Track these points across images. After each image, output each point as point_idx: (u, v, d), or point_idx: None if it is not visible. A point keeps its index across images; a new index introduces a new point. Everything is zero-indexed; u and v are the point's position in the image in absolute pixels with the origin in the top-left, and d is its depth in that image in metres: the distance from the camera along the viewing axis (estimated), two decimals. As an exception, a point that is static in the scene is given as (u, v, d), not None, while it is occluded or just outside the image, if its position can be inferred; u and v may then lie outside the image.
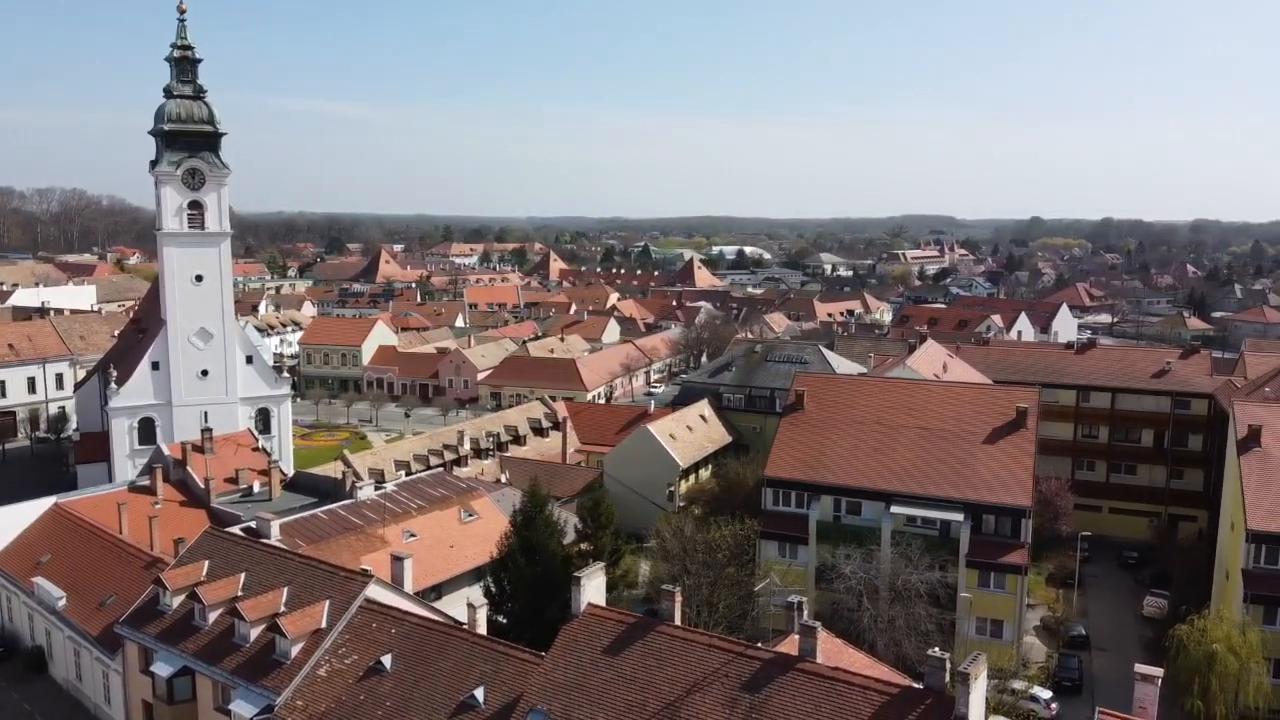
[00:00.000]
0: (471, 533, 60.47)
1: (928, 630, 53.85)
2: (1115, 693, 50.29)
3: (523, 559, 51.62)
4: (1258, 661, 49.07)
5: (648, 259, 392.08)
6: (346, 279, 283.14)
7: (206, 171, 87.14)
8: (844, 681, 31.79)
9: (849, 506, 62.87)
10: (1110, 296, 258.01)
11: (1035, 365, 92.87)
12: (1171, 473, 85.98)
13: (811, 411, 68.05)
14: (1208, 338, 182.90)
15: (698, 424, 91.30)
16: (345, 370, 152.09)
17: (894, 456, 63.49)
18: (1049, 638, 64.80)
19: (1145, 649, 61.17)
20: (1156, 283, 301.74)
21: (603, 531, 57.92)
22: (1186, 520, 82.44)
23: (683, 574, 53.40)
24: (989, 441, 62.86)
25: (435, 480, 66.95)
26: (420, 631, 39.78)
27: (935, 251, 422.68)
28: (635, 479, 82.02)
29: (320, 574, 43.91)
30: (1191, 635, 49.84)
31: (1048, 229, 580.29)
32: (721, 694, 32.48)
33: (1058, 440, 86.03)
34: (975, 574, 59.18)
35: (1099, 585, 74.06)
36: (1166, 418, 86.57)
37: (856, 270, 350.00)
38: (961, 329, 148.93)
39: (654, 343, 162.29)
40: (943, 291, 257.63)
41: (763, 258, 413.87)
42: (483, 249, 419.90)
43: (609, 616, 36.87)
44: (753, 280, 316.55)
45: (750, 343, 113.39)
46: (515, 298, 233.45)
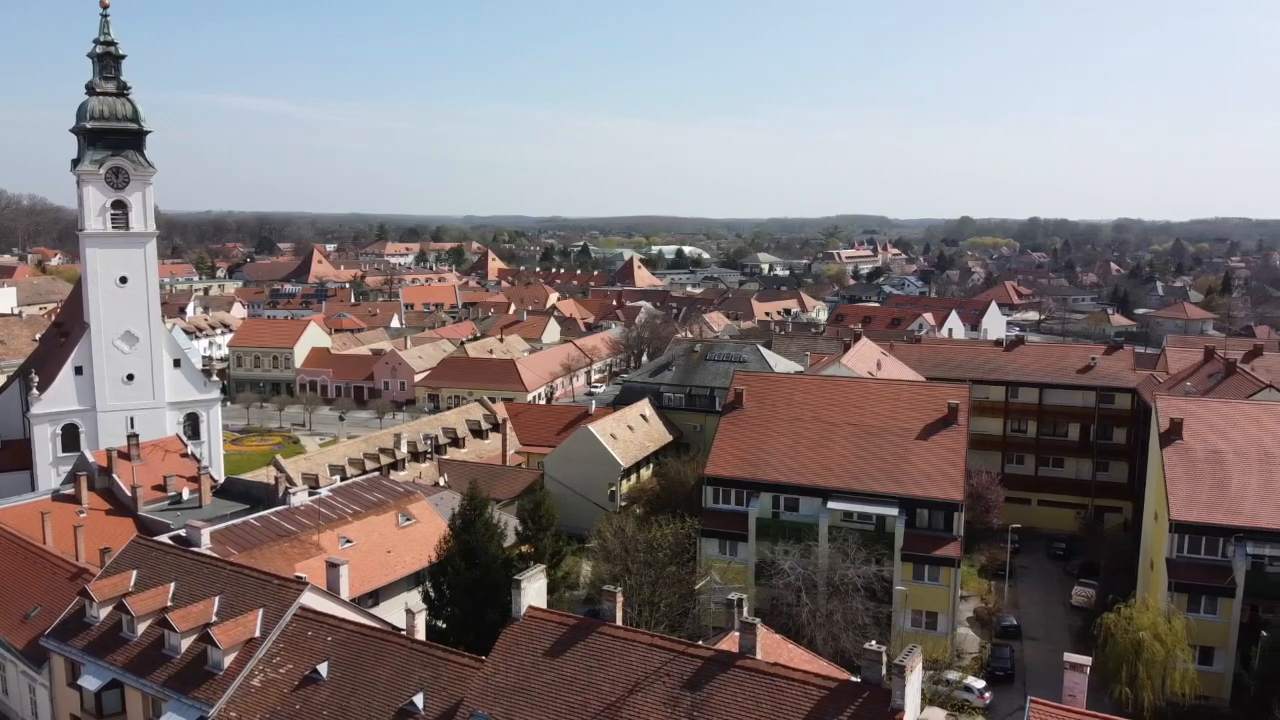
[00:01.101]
0: (409, 537, 59.71)
1: (865, 624, 54.72)
2: (1046, 681, 51.70)
3: (462, 563, 51.16)
4: (1183, 649, 50.71)
5: (587, 258, 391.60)
6: (278, 279, 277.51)
7: (131, 170, 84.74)
8: (783, 677, 32.10)
9: (787, 503, 63.61)
10: (1037, 294, 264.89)
11: (966, 362, 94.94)
12: (1097, 466, 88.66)
13: (750, 410, 68.65)
14: (1131, 334, 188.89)
15: (639, 423, 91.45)
16: (277, 373, 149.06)
17: (831, 453, 64.38)
18: (982, 628, 66.29)
19: (1074, 638, 62.93)
20: (1082, 281, 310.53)
21: (544, 533, 57.71)
22: (1112, 512, 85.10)
23: (624, 574, 53.46)
24: (922, 437, 64.10)
25: (371, 485, 65.92)
26: (357, 638, 39.15)
27: (869, 251, 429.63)
28: (576, 479, 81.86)
29: (253, 582, 42.96)
30: (1118, 624, 51.41)
31: (977, 229, 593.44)
32: (663, 693, 32.57)
33: (988, 435, 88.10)
34: (910, 567, 60.34)
35: (1029, 576, 75.98)
36: (1092, 412, 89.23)
37: (793, 270, 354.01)
38: (894, 327, 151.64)
39: (594, 342, 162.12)
40: (876, 290, 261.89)
41: (701, 257, 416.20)
42: (419, 248, 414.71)
43: (550, 618, 36.72)
44: (692, 280, 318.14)
45: (690, 342, 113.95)
46: (453, 298, 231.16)
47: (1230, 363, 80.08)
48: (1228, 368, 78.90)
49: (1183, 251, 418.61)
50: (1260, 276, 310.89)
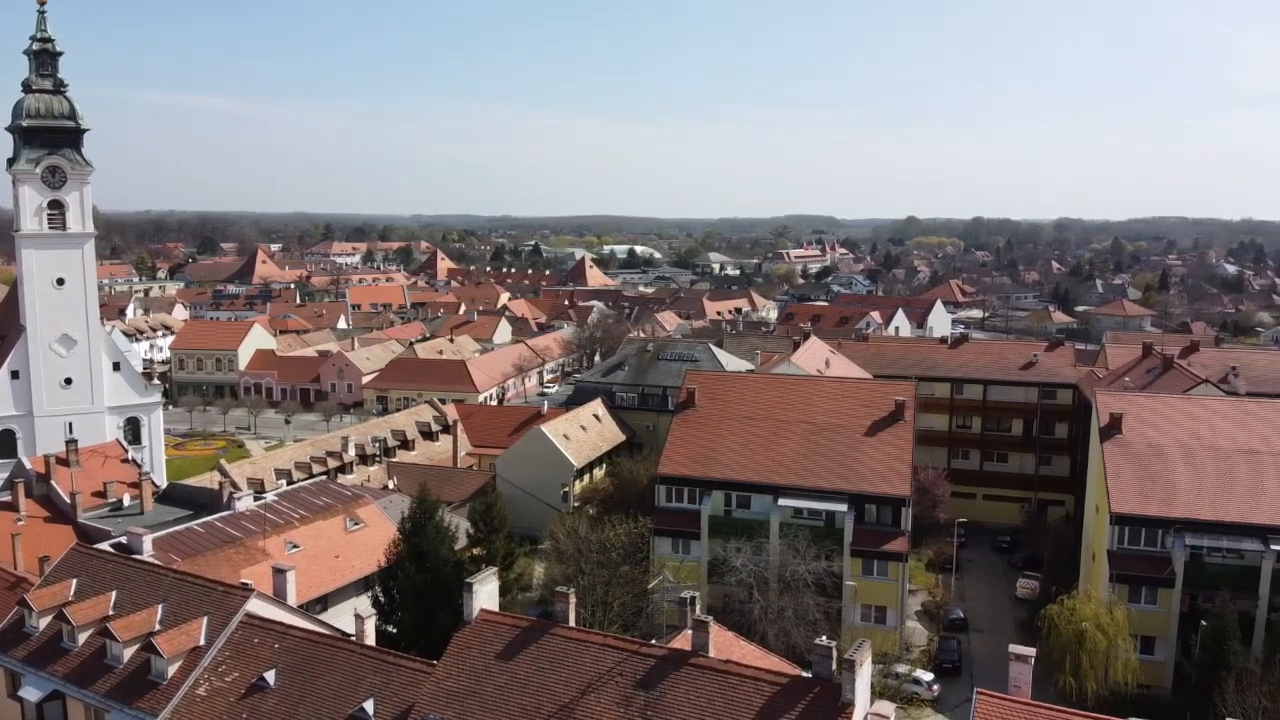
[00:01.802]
0: (358, 542, 59.04)
1: (815, 619, 55.27)
2: (992, 672, 52.70)
3: (412, 566, 50.72)
4: (1125, 638, 52.04)
5: (539, 258, 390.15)
6: (220, 280, 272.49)
7: (68, 169, 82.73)
8: (735, 674, 32.33)
9: (739, 501, 64.02)
10: (981, 293, 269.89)
11: (912, 360, 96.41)
12: (1040, 460, 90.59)
13: (703, 408, 68.98)
14: (1071, 331, 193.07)
15: (591, 423, 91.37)
16: (220, 376, 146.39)
17: (781, 451, 64.92)
18: (930, 621, 67.35)
19: (1019, 629, 64.23)
20: (1024, 279, 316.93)
21: (496, 535, 57.45)
22: (1055, 505, 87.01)
23: (577, 574, 53.37)
24: (870, 434, 64.95)
25: (318, 489, 65.07)
26: (305, 645, 38.61)
27: (817, 251, 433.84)
28: (529, 481, 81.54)
29: (197, 589, 42.16)
30: (1062, 615, 52.60)
31: (922, 228, 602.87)
32: (616, 693, 32.60)
33: (934, 431, 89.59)
34: (859, 562, 61.09)
35: (975, 569, 77.37)
36: (1034, 408, 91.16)
37: (743, 269, 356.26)
38: (843, 326, 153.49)
39: (546, 342, 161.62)
40: (825, 289, 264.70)
41: (653, 257, 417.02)
42: (366, 248, 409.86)
43: (502, 621, 36.55)
44: (644, 279, 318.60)
45: (642, 341, 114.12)
46: (401, 298, 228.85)
47: (1167, 358, 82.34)
48: (1165, 363, 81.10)
49: (1121, 250, 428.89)
50: (1196, 274, 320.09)
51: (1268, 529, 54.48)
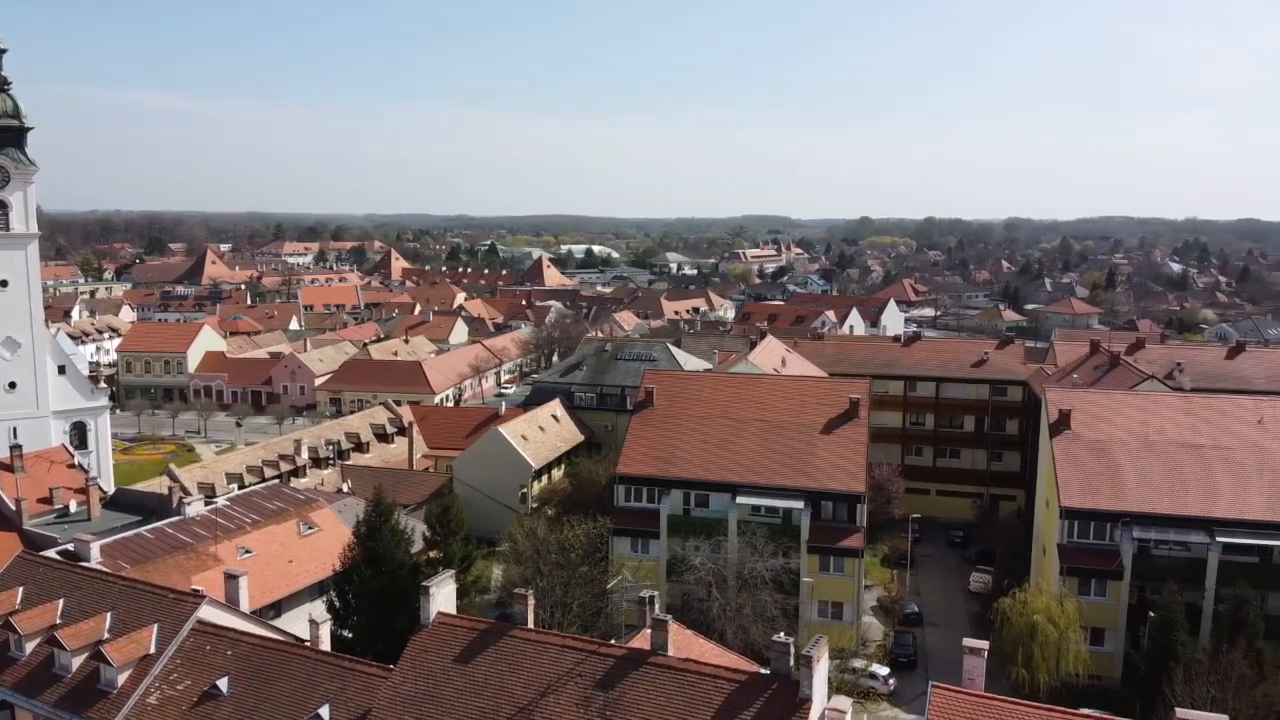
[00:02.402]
0: (312, 546, 58.25)
1: (773, 616, 55.61)
2: (947, 666, 53.37)
3: (368, 570, 50.23)
4: (1075, 630, 53.03)
5: (495, 258, 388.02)
6: (169, 281, 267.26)
7: (11, 168, 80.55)
8: (695, 672, 32.43)
9: (698, 499, 64.24)
10: (933, 291, 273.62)
11: (866, 358, 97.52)
12: (991, 456, 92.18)
13: (661, 408, 69.11)
14: (1021, 328, 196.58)
15: (550, 424, 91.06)
16: (169, 379, 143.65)
17: (739, 449, 65.27)
18: (885, 616, 68.14)
19: (973, 623, 65.20)
20: (975, 278, 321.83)
21: (453, 538, 57.03)
22: (1006, 500, 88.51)
23: (536, 576, 53.17)
24: (826, 431, 65.55)
25: (271, 493, 64.09)
26: (259, 652, 38.03)
27: (773, 251, 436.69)
28: (486, 482, 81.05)
29: (147, 596, 41.34)
30: (1014, 608, 53.47)
31: (876, 228, 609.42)
32: (575, 694, 32.54)
33: (888, 428, 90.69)
34: (816, 559, 61.65)
35: (929, 564, 78.42)
36: (986, 404, 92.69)
37: (701, 269, 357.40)
38: (799, 325, 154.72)
39: (504, 343, 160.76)
40: (781, 289, 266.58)
41: (611, 256, 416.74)
42: (318, 248, 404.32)
43: (460, 624, 36.30)
44: (602, 279, 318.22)
45: (601, 341, 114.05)
46: (355, 298, 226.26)
47: (1114, 355, 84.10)
48: (1112, 360, 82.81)
49: (1070, 249, 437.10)
50: (1142, 272, 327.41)
51: (1213, 521, 55.91)
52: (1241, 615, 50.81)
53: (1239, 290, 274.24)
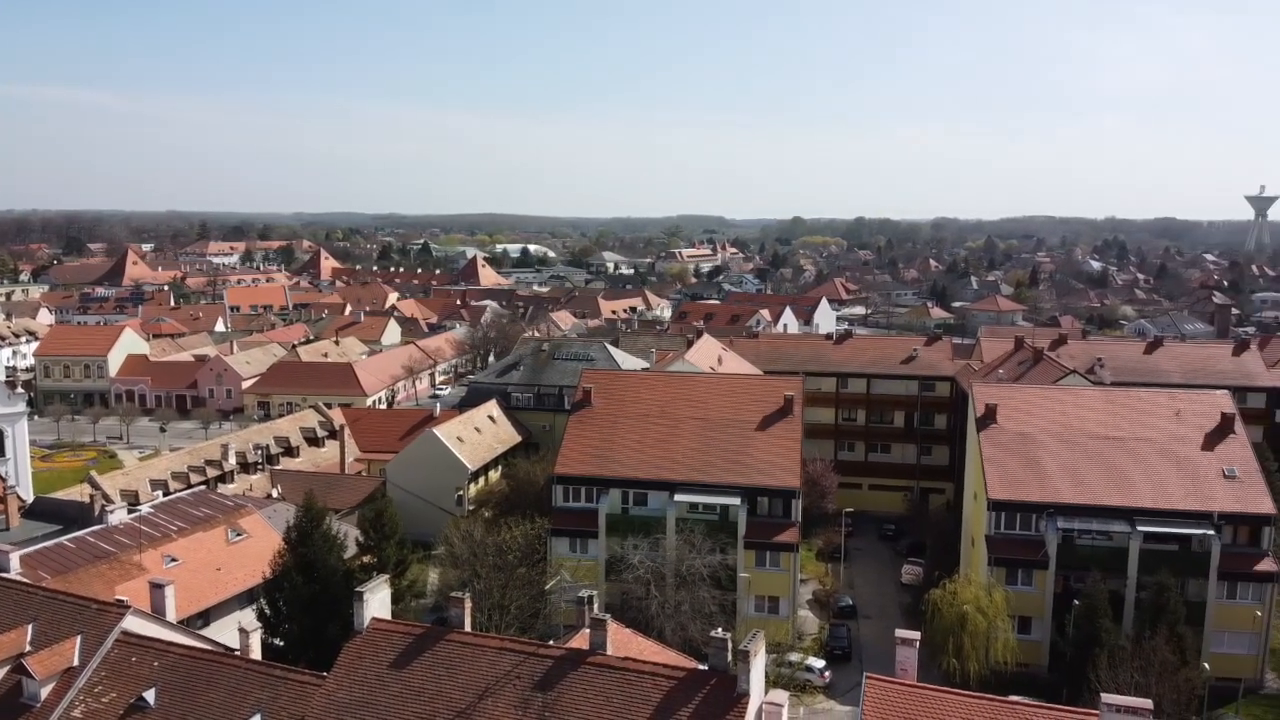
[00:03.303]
0: (241, 553, 57.00)
1: (711, 612, 56.01)
2: (881, 657, 54.27)
3: (299, 577, 49.32)
4: (1003, 619, 54.41)
5: (428, 257, 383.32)
6: (88, 282, 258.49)
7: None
8: (634, 670, 32.50)
9: (636, 498, 64.37)
10: (864, 290, 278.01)
11: (800, 355, 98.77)
12: (921, 450, 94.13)
13: (599, 407, 69.08)
14: (949, 325, 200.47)
15: (486, 425, 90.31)
16: (90, 383, 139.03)
17: (677, 447, 65.59)
18: (820, 610, 69.07)
19: (905, 614, 66.48)
20: (904, 276, 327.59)
21: (387, 542, 56.28)
22: (936, 493, 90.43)
23: (473, 579, 52.73)
24: (761, 428, 66.24)
25: (197, 499, 62.52)
26: (186, 662, 37.05)
27: (708, 250, 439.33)
28: (421, 485, 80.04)
29: (69, 607, 39.94)
30: (944, 599, 54.67)
31: (808, 228, 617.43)
32: (514, 696, 32.35)
33: (821, 424, 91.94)
34: (753, 554, 62.29)
35: (862, 557, 79.69)
36: (915, 400, 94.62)
37: (637, 268, 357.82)
38: (734, 323, 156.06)
39: (438, 343, 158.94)
40: (716, 288, 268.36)
41: (547, 256, 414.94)
42: (245, 247, 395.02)
43: (395, 629, 35.83)
44: (538, 278, 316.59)
45: (538, 341, 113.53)
46: (283, 299, 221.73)
47: (1038, 351, 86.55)
48: (1036, 356, 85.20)
49: (994, 248, 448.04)
50: (1064, 270, 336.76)
51: (1134, 511, 57.89)
52: (1163, 602, 52.73)
53: (1156, 287, 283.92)
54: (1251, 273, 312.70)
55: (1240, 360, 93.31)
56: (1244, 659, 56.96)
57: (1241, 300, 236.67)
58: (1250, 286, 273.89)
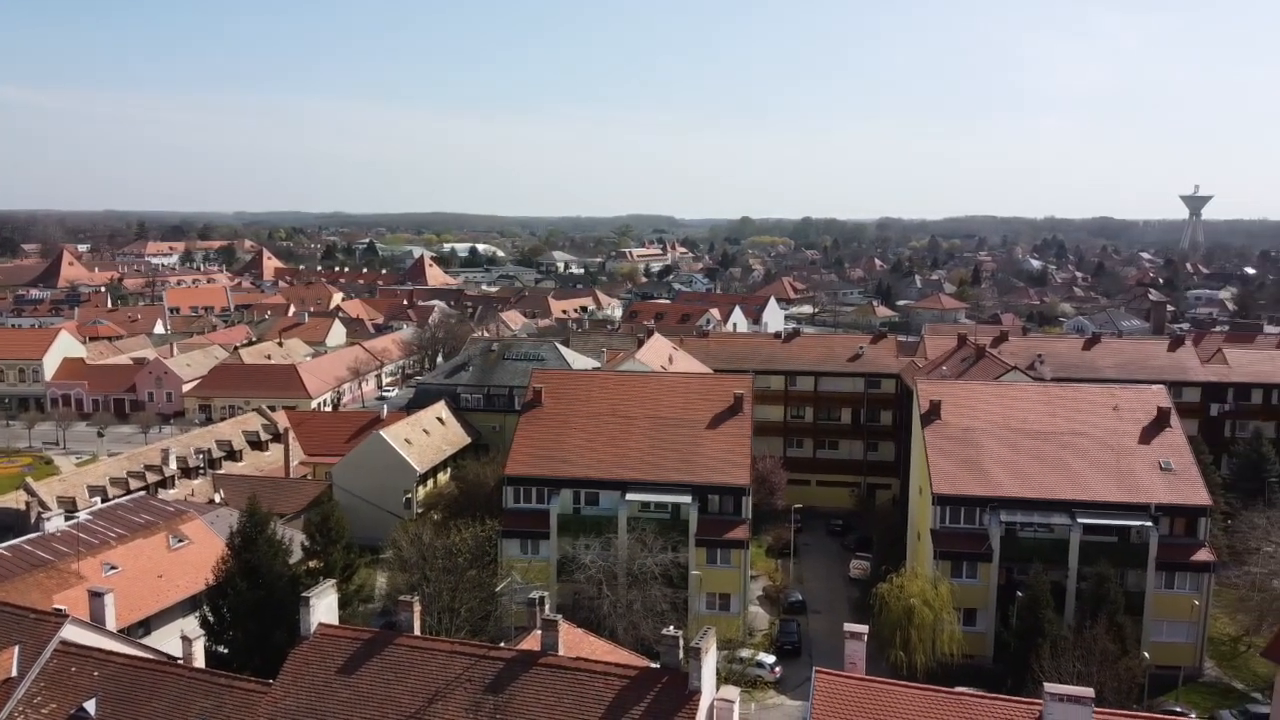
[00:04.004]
0: (183, 560, 55.82)
1: (663, 610, 56.17)
2: (830, 651, 54.83)
3: (244, 583, 48.49)
4: (949, 612, 55.37)
5: (374, 256, 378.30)
6: (22, 284, 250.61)
7: None
8: (585, 671, 32.46)
9: (588, 498, 64.33)
10: (811, 289, 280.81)
11: (749, 354, 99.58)
12: (868, 446, 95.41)
13: (550, 407, 68.85)
14: (894, 324, 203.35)
15: (435, 426, 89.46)
16: (24, 387, 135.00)
17: (628, 446, 65.65)
18: (770, 605, 69.65)
19: (854, 608, 67.30)
20: (850, 276, 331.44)
21: (333, 546, 55.61)
22: (882, 488, 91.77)
23: (422, 582, 52.20)
24: (711, 427, 66.58)
25: (138, 505, 61.05)
26: (128, 671, 36.19)
27: (658, 250, 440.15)
28: (368, 488, 79.04)
29: (6, 617, 38.81)
30: (891, 592, 55.47)
31: (756, 228, 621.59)
32: (465, 699, 32.11)
33: (770, 422, 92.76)
34: (704, 552, 62.61)
35: (811, 553, 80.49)
36: (861, 397, 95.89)
37: (587, 268, 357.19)
38: (684, 322, 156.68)
39: (385, 344, 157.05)
40: (666, 288, 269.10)
41: (496, 255, 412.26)
42: (184, 247, 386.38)
43: (342, 634, 35.35)
44: (487, 278, 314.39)
45: (487, 341, 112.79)
46: (224, 300, 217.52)
47: (980, 348, 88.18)
48: (978, 353, 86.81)
49: (938, 248, 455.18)
50: (1005, 269, 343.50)
51: (1074, 504, 59.29)
52: (1103, 592, 54.05)
53: (1094, 285, 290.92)
54: (1186, 271, 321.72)
55: (1175, 356, 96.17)
56: (1182, 647, 58.58)
57: (1176, 297, 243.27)
58: (1185, 284, 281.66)
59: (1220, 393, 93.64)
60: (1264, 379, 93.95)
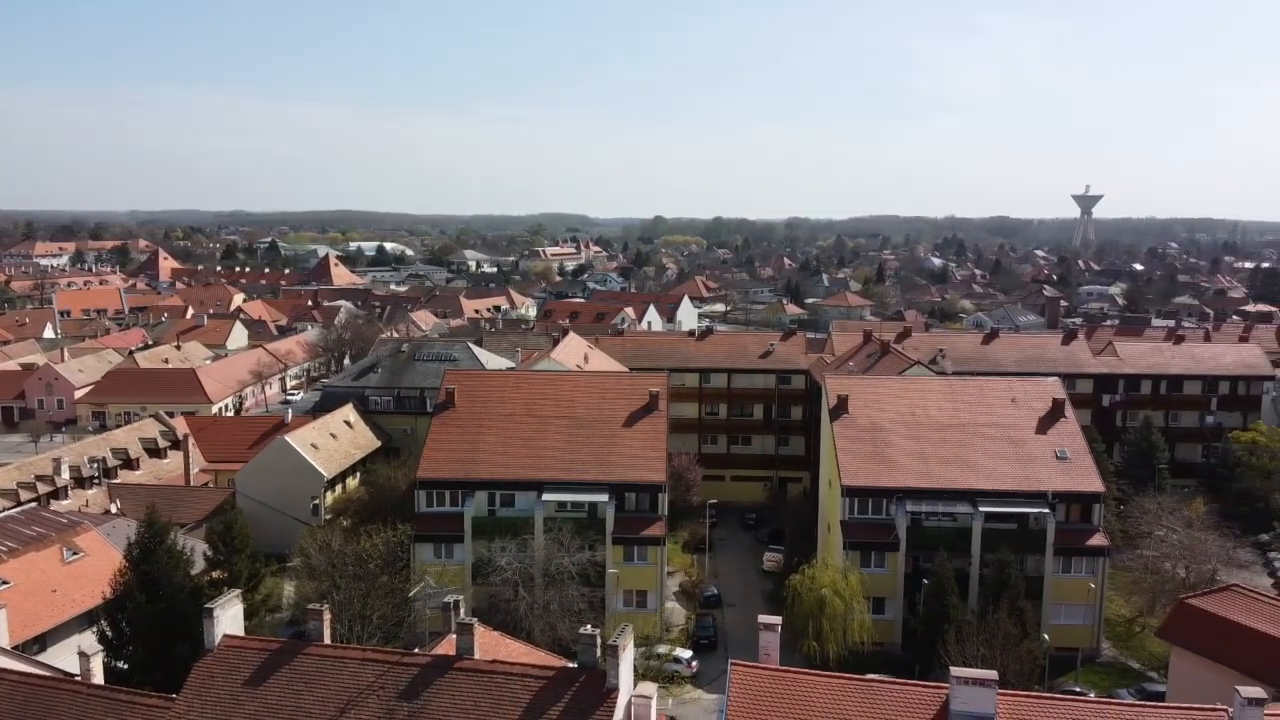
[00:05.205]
0: (78, 573, 53.49)
1: (580, 610, 56.10)
2: (745, 644, 55.57)
3: (143, 596, 46.72)
4: (859, 601, 56.70)
5: (276, 256, 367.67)
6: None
7: None
8: (502, 673, 32.22)
9: (503, 499, 63.85)
10: (723, 288, 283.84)
11: (664, 352, 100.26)
12: (779, 441, 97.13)
13: (463, 408, 68.07)
14: (803, 321, 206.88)
15: (342, 430, 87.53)
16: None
17: (544, 446, 65.36)
18: (687, 601, 70.22)
19: (768, 600, 68.28)
20: (760, 274, 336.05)
21: (238, 556, 54.01)
22: (794, 482, 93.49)
23: (332, 590, 51.05)
24: (627, 425, 66.79)
25: (29, 517, 58.26)
26: (22, 689, 34.47)
27: (572, 249, 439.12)
28: (274, 495, 76.84)
29: (-123, 642, 36.58)
30: (804, 583, 56.51)
31: (669, 227, 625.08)
32: (378, 707, 31.53)
33: (685, 419, 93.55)
34: (621, 550, 62.79)
35: (726, 547, 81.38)
36: (773, 393, 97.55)
37: (500, 267, 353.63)
38: (599, 321, 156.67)
39: (289, 346, 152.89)
40: (581, 286, 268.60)
41: (405, 254, 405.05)
42: (75, 248, 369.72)
43: (249, 645, 34.36)
44: (396, 277, 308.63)
45: (397, 342, 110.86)
46: (118, 302, 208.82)
47: (885, 344, 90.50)
48: (883, 348, 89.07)
49: (844, 247, 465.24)
50: (908, 267, 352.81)
51: (976, 493, 61.34)
52: (1004, 578, 56.02)
53: (992, 282, 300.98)
54: (1078, 267, 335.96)
55: (1069, 349, 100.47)
56: (1080, 629, 61.09)
57: (1070, 293, 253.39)
58: (1077, 280, 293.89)
59: (1112, 384, 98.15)
60: (1152, 370, 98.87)
